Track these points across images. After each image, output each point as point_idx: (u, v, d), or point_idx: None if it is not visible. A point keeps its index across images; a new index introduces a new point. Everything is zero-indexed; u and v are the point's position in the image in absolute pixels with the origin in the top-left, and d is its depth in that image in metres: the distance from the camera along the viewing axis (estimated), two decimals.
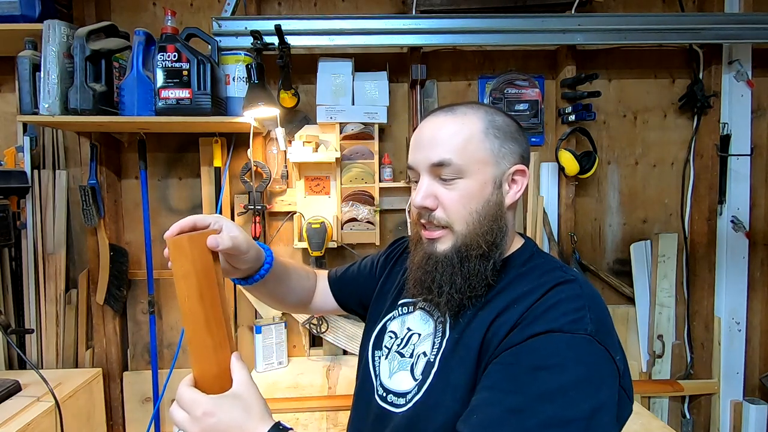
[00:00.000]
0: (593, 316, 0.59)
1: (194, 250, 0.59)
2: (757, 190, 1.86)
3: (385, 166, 1.76)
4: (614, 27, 1.63)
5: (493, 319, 0.63)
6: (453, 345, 0.66)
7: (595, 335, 0.57)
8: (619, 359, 0.58)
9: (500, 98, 1.83)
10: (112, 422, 1.82)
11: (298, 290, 0.93)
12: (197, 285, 0.58)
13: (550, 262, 0.70)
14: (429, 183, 0.68)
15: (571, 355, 0.55)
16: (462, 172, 0.66)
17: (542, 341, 0.57)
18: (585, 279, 0.67)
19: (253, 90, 1.50)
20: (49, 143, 1.74)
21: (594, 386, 0.54)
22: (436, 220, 0.67)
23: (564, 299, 0.60)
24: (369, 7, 1.82)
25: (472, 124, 0.67)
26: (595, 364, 0.56)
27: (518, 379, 0.55)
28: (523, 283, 0.65)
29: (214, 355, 0.59)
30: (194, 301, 0.58)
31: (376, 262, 0.95)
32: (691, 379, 1.86)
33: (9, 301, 1.69)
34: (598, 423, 0.52)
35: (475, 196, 0.66)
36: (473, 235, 0.66)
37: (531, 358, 0.56)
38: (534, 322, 0.58)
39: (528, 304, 0.61)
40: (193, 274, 0.58)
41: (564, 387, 0.53)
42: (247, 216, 1.78)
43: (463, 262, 0.66)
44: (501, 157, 0.68)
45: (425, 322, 0.73)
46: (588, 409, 0.52)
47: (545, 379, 0.54)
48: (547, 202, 1.82)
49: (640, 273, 1.88)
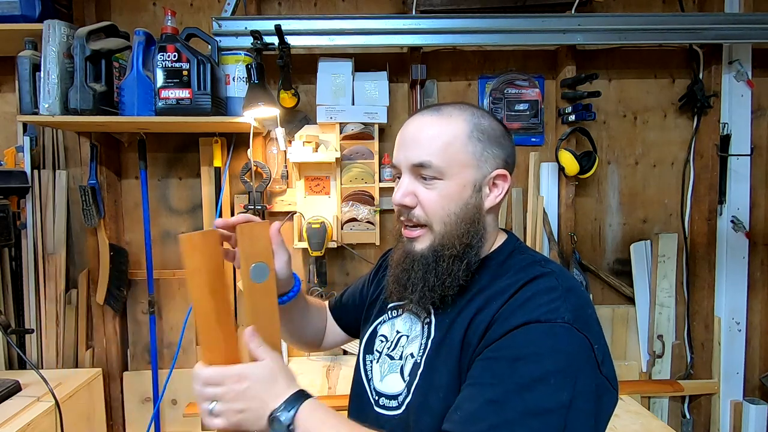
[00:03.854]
0: (570, 305, 0.59)
1: (207, 246, 0.61)
2: (757, 190, 1.87)
3: (385, 166, 1.76)
4: (614, 27, 1.63)
5: (472, 318, 0.64)
6: (437, 346, 0.67)
7: (573, 323, 0.57)
8: (598, 348, 0.59)
9: (500, 98, 1.83)
10: (112, 422, 1.82)
11: (315, 325, 0.95)
12: (208, 280, 0.61)
13: (529, 257, 0.70)
14: (409, 181, 0.68)
15: (548, 344, 0.56)
16: (442, 174, 0.66)
17: (520, 333, 0.57)
18: (563, 270, 0.68)
19: (253, 90, 1.50)
20: (49, 143, 1.74)
21: (572, 374, 0.55)
22: (415, 218, 0.69)
23: (539, 291, 0.61)
24: (369, 7, 1.82)
25: (456, 126, 0.67)
26: (572, 353, 0.56)
27: (497, 372, 0.56)
28: (500, 281, 0.66)
29: (224, 345, 0.62)
30: (205, 295, 0.60)
31: (369, 278, 0.96)
32: (691, 379, 1.86)
33: (9, 301, 1.69)
34: (577, 411, 0.53)
35: (453, 197, 0.67)
36: (450, 236, 0.67)
37: (509, 351, 0.57)
38: (511, 316, 0.59)
39: (503, 299, 0.62)
40: (204, 270, 0.61)
41: (542, 376, 0.54)
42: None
43: (437, 261, 0.67)
44: (483, 160, 0.68)
45: (413, 324, 0.74)
46: (567, 397, 0.53)
47: (523, 369, 0.55)
48: (547, 202, 1.82)
49: (640, 273, 1.88)
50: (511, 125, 1.83)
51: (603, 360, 0.59)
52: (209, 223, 1.78)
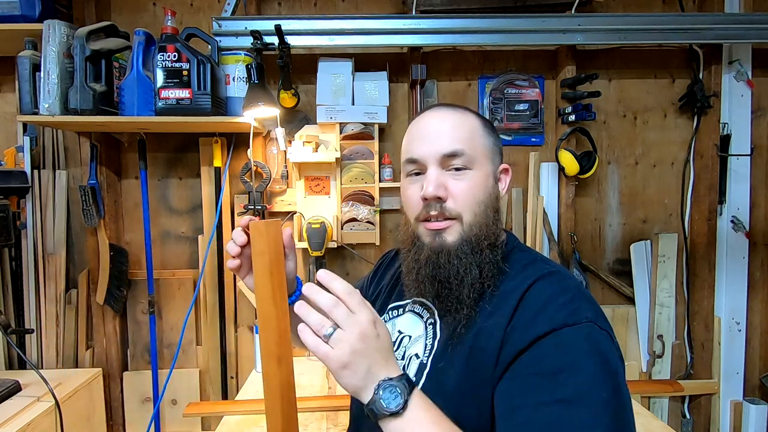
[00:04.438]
0: (586, 304, 0.60)
1: (270, 233, 0.70)
2: (757, 190, 1.86)
3: (385, 166, 1.76)
4: (614, 27, 1.63)
5: (480, 320, 0.63)
6: (443, 346, 0.67)
7: (596, 321, 0.58)
8: (614, 335, 0.60)
9: (500, 98, 1.83)
10: (112, 422, 1.82)
11: None
12: (269, 263, 0.68)
13: (529, 255, 0.72)
14: (438, 173, 0.67)
15: (582, 349, 0.55)
16: (471, 163, 0.68)
17: (550, 342, 0.56)
18: (565, 269, 0.69)
19: (253, 90, 1.50)
20: (49, 143, 1.74)
21: (611, 373, 0.54)
22: (447, 211, 0.67)
23: (554, 294, 0.61)
24: (369, 7, 1.82)
25: (472, 119, 0.71)
26: (605, 351, 0.56)
27: (542, 390, 0.54)
28: (506, 279, 0.66)
29: (275, 323, 0.68)
30: (266, 276, 0.68)
31: (368, 279, 0.95)
32: (691, 379, 1.86)
33: (9, 301, 1.69)
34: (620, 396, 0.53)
35: (481, 187, 0.68)
36: (480, 225, 0.67)
37: (546, 363, 0.55)
38: (532, 325, 0.58)
39: (514, 302, 0.61)
40: (267, 253, 0.69)
41: (586, 384, 0.53)
42: (247, 216, 1.78)
43: (474, 252, 0.66)
44: (494, 153, 0.72)
45: (415, 324, 0.73)
46: (608, 395, 0.53)
47: (567, 381, 0.53)
48: (547, 202, 1.82)
49: (640, 273, 1.88)
50: (511, 125, 1.83)
51: (620, 352, 0.60)
52: (209, 223, 1.78)
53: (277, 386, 0.67)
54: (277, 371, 0.67)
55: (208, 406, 1.57)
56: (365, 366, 0.54)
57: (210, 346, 1.81)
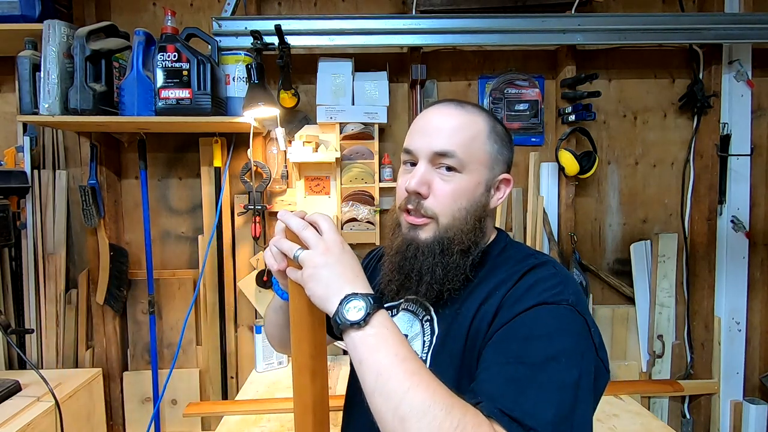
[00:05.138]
0: (571, 290, 0.62)
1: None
2: (757, 190, 1.86)
3: (385, 166, 1.76)
4: (614, 27, 1.63)
5: (476, 310, 0.65)
6: (442, 340, 0.67)
7: (576, 306, 0.60)
8: (594, 331, 0.61)
9: (500, 98, 1.83)
10: (112, 422, 1.82)
11: None
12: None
13: (523, 250, 0.73)
14: (426, 170, 0.68)
15: (556, 324, 0.58)
16: (462, 167, 0.67)
17: (529, 315, 0.59)
18: (557, 262, 0.69)
19: (253, 90, 1.50)
20: (49, 143, 1.74)
21: (579, 353, 0.57)
22: (423, 209, 0.67)
23: (542, 278, 0.63)
24: (369, 7, 1.82)
25: (479, 123, 0.69)
26: (578, 333, 0.58)
27: (511, 352, 0.57)
28: (499, 272, 0.67)
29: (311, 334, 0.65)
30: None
31: None
32: (691, 379, 1.86)
33: (9, 301, 1.69)
34: (582, 390, 0.54)
35: (466, 193, 0.67)
36: (456, 230, 0.67)
37: (521, 330, 0.58)
38: (518, 302, 0.61)
39: (506, 288, 0.64)
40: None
41: (554, 355, 0.55)
42: (247, 216, 1.78)
43: (444, 253, 0.67)
44: (496, 162, 0.70)
45: (411, 323, 0.73)
46: (576, 375, 0.54)
47: (535, 348, 0.56)
48: (547, 202, 1.82)
49: (640, 273, 1.88)
50: (511, 125, 1.83)
51: (599, 343, 0.61)
52: (209, 223, 1.78)
53: (309, 402, 0.63)
54: (310, 386, 0.63)
55: (208, 406, 1.57)
56: (328, 277, 0.57)
57: (210, 346, 1.81)
